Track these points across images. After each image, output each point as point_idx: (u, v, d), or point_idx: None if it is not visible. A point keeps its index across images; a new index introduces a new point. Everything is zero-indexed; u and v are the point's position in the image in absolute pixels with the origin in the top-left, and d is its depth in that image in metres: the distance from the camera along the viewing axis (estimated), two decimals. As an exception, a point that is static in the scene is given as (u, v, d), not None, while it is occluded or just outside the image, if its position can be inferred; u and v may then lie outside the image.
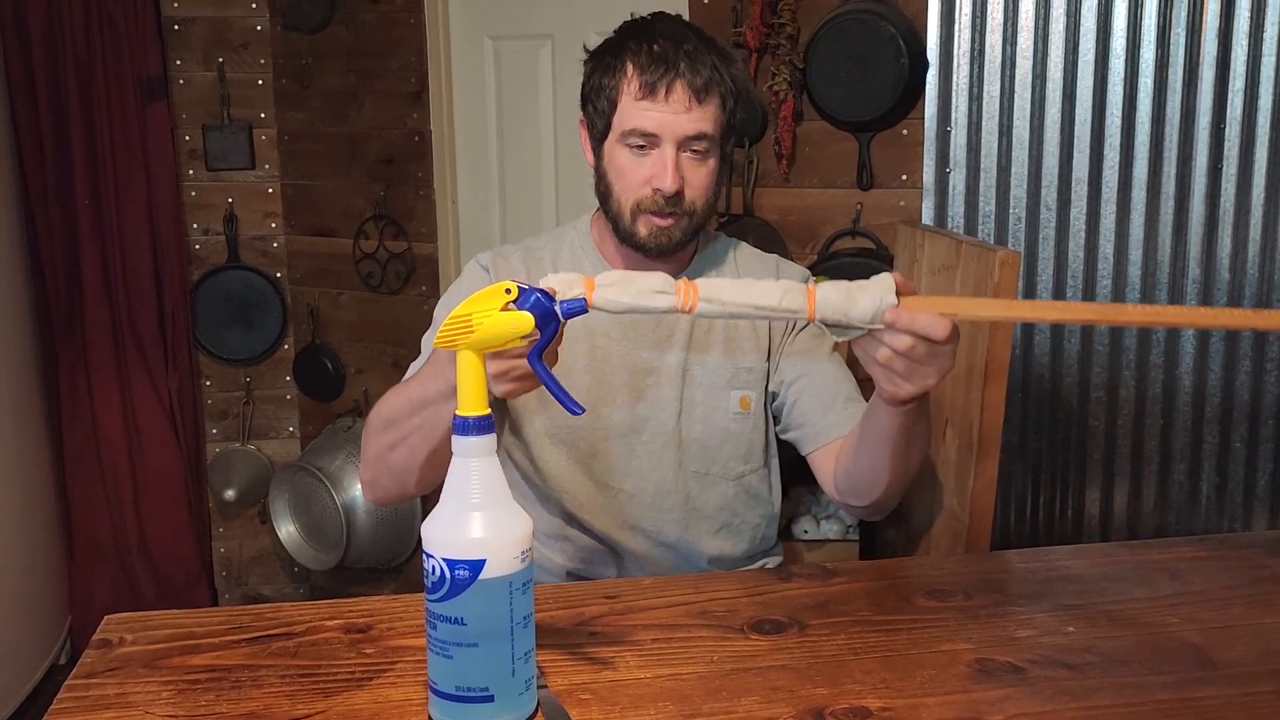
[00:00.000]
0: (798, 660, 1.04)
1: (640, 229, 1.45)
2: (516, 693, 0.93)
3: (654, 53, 1.40)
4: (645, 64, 1.40)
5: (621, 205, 1.45)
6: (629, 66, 1.42)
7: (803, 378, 1.54)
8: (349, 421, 3.14)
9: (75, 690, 1.01)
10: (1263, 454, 2.47)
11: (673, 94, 1.39)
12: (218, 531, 3.35)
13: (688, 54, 1.40)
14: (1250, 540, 1.43)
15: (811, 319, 1.08)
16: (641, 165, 1.43)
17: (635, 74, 1.41)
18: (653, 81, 1.39)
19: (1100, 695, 0.98)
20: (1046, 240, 2.49)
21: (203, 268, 3.20)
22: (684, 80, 1.39)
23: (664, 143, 1.41)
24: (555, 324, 1.00)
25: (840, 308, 1.06)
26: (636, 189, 1.43)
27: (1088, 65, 2.40)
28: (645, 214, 1.44)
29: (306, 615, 1.15)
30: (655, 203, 1.42)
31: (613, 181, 1.46)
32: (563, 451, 1.52)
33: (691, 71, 1.40)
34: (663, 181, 1.40)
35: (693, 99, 1.40)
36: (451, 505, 0.92)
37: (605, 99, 1.45)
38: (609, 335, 1.52)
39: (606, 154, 1.47)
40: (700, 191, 1.44)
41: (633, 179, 1.43)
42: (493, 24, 2.98)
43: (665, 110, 1.40)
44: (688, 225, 1.45)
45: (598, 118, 1.47)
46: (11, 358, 2.82)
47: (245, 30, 3.11)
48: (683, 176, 1.41)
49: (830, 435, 1.51)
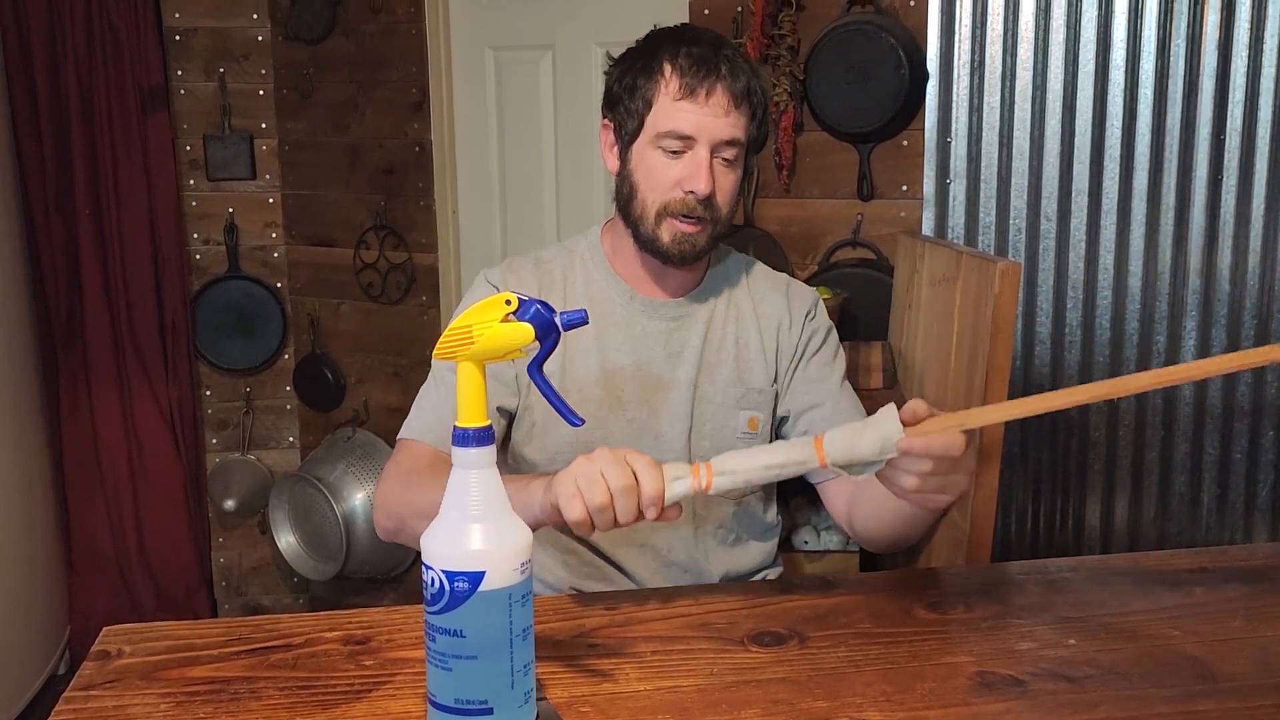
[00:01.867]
0: (798, 672, 1.04)
1: (664, 234, 1.43)
2: (516, 705, 0.93)
3: (694, 54, 1.40)
4: (686, 66, 1.39)
5: (646, 208, 1.44)
6: (667, 68, 1.41)
7: (813, 409, 1.54)
8: (349, 432, 3.14)
9: (73, 702, 1.00)
10: (1263, 465, 2.46)
11: (713, 96, 1.39)
12: (217, 541, 3.35)
13: (727, 58, 1.40)
14: (1251, 552, 1.43)
15: (822, 465, 1.09)
16: (673, 167, 1.41)
17: (675, 75, 1.40)
18: (694, 83, 1.38)
19: (1101, 708, 0.97)
20: (1047, 251, 2.49)
21: (203, 278, 3.20)
22: (725, 83, 1.39)
23: (699, 145, 1.40)
24: (555, 335, 0.99)
25: (847, 450, 1.08)
26: (666, 191, 1.42)
27: (1088, 76, 2.41)
28: (671, 218, 1.42)
29: (305, 627, 1.15)
30: (685, 204, 1.41)
31: (639, 182, 1.44)
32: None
33: (732, 76, 1.39)
34: (696, 183, 1.40)
35: (731, 103, 1.39)
36: (451, 517, 0.92)
37: (640, 99, 1.43)
38: (620, 350, 1.50)
39: (635, 155, 1.45)
40: (727, 199, 1.44)
41: (662, 180, 1.42)
42: (494, 34, 2.98)
43: (705, 112, 1.39)
44: (711, 233, 1.45)
45: (629, 118, 1.44)
46: (12, 366, 2.82)
47: (246, 41, 3.12)
48: (714, 179, 1.41)
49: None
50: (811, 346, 1.57)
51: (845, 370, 1.60)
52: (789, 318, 1.57)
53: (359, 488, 3.02)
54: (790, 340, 1.56)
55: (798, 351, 1.56)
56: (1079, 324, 2.50)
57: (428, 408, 1.51)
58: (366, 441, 3.10)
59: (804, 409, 1.54)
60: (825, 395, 1.55)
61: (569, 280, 1.53)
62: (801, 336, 1.57)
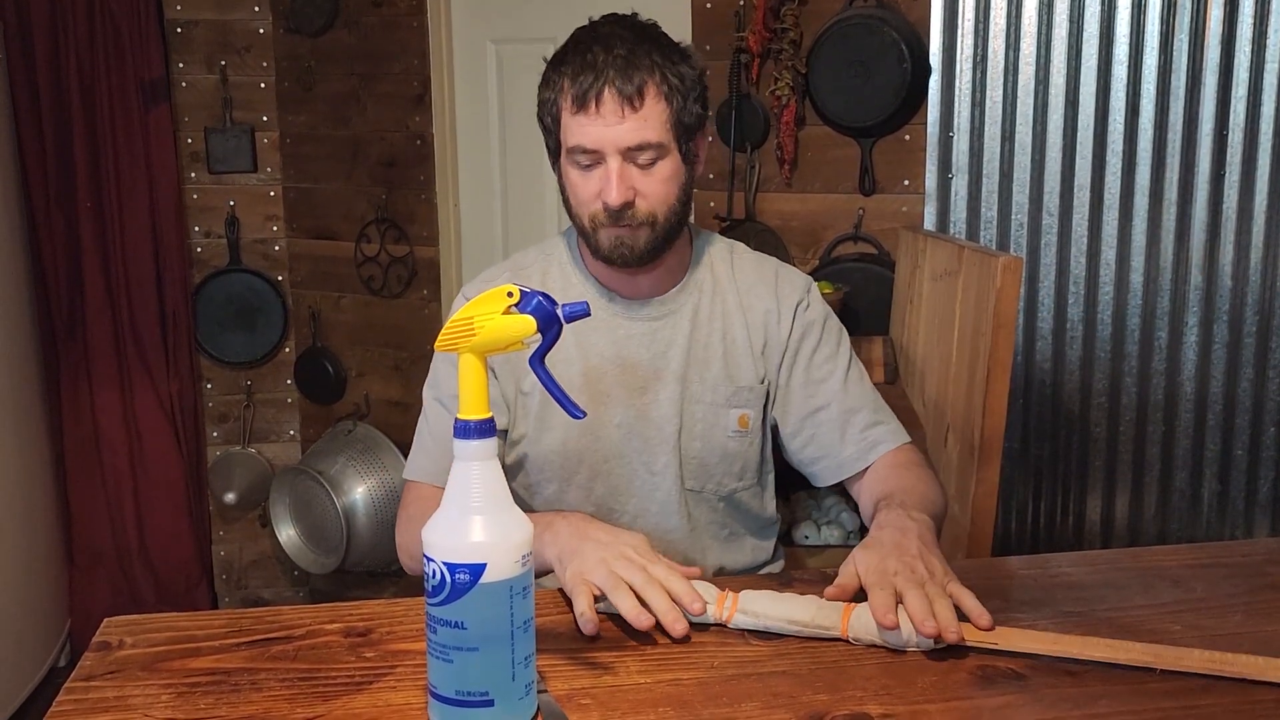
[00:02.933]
0: (799, 666, 1.04)
1: (602, 241, 1.39)
2: (516, 697, 0.93)
3: (585, 62, 1.32)
4: (573, 75, 1.33)
5: (581, 221, 1.40)
6: (565, 81, 1.34)
7: (819, 411, 1.49)
8: (350, 425, 3.14)
9: (74, 693, 1.00)
10: (1264, 461, 2.46)
11: (603, 105, 1.31)
12: (218, 535, 3.35)
13: (618, 59, 1.31)
14: (1252, 548, 1.42)
15: (844, 637, 1.07)
16: (590, 180, 1.36)
17: (569, 87, 1.33)
18: (582, 94, 1.31)
19: (1102, 703, 0.97)
20: (1048, 246, 2.49)
21: (204, 270, 3.20)
22: (613, 88, 1.31)
23: (607, 156, 1.33)
24: (557, 327, 0.99)
25: (874, 630, 1.06)
26: (590, 204, 1.37)
27: (1090, 71, 2.40)
28: (604, 226, 1.38)
29: (306, 619, 1.15)
30: (609, 215, 1.36)
31: (569, 197, 1.41)
32: (560, 480, 1.49)
33: (622, 78, 1.31)
34: (608, 195, 1.34)
35: (626, 107, 1.31)
36: (452, 509, 0.92)
37: (549, 115, 1.38)
38: (603, 354, 1.46)
39: (562, 170, 1.41)
40: (657, 200, 1.36)
41: (584, 194, 1.37)
42: (495, 28, 2.98)
43: (599, 123, 1.32)
44: (650, 235, 1.38)
45: (548, 135, 1.40)
46: (13, 359, 2.82)
47: (248, 33, 3.11)
48: (633, 187, 1.34)
49: (851, 468, 1.48)
50: (807, 343, 1.50)
51: (851, 358, 1.53)
52: (777, 311, 1.50)
53: (359, 481, 3.02)
54: (780, 335, 1.49)
55: (789, 348, 1.49)
56: (1080, 319, 2.50)
57: (425, 446, 1.49)
58: (367, 435, 3.10)
59: (808, 413, 1.49)
60: (830, 396, 1.49)
61: (548, 286, 1.49)
62: (793, 332, 1.50)
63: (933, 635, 1.03)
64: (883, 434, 1.49)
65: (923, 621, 1.03)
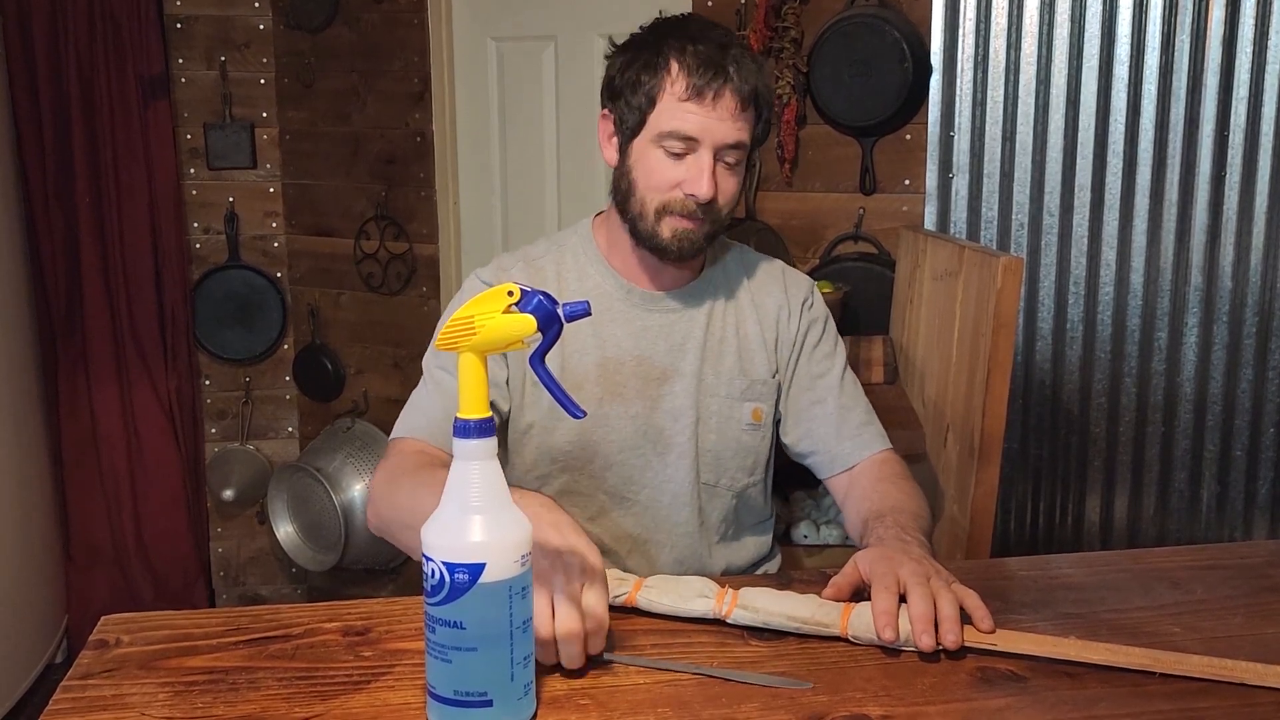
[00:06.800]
0: (798, 667, 1.04)
1: (664, 230, 1.41)
2: (515, 697, 0.92)
3: (701, 54, 1.35)
4: (693, 66, 1.35)
5: (645, 206, 1.41)
6: (674, 65, 1.36)
7: (817, 404, 1.53)
8: (348, 422, 3.14)
9: (71, 691, 1.00)
10: (1264, 462, 2.46)
11: (720, 100, 1.35)
12: (216, 531, 3.35)
13: (735, 59, 1.36)
14: (1252, 549, 1.42)
15: (844, 635, 1.08)
16: (675, 168, 1.38)
17: (681, 74, 1.36)
18: (701, 85, 1.34)
19: (1101, 705, 0.97)
20: (1049, 246, 2.49)
21: (203, 267, 3.20)
22: (733, 86, 1.35)
23: (703, 148, 1.37)
24: (558, 326, 0.99)
25: (870, 634, 1.07)
26: (665, 191, 1.39)
27: (1091, 71, 2.40)
28: (671, 215, 1.40)
29: (304, 617, 1.14)
30: (685, 206, 1.39)
31: (639, 180, 1.41)
32: (573, 470, 1.49)
33: (740, 78, 1.36)
34: (698, 187, 1.37)
35: (739, 107, 1.36)
36: (451, 508, 0.92)
37: (643, 95, 1.38)
38: (621, 345, 1.48)
39: (636, 152, 1.41)
40: (728, 199, 1.42)
41: (663, 180, 1.39)
42: (496, 25, 2.98)
43: (711, 116, 1.35)
44: (709, 231, 1.42)
45: (630, 113, 1.41)
46: (11, 355, 2.82)
47: (248, 29, 3.11)
48: (716, 183, 1.38)
49: (845, 462, 1.51)
50: (811, 338, 1.55)
51: (846, 359, 1.58)
52: (788, 307, 1.55)
53: (358, 478, 3.02)
54: (790, 331, 1.54)
55: (797, 343, 1.54)
56: (1081, 319, 2.50)
57: (416, 406, 1.50)
58: (366, 432, 3.10)
59: (807, 405, 1.53)
60: (827, 391, 1.54)
61: (563, 276, 1.50)
62: (800, 327, 1.55)
63: (929, 650, 1.03)
64: (873, 435, 1.54)
65: (921, 634, 1.04)
